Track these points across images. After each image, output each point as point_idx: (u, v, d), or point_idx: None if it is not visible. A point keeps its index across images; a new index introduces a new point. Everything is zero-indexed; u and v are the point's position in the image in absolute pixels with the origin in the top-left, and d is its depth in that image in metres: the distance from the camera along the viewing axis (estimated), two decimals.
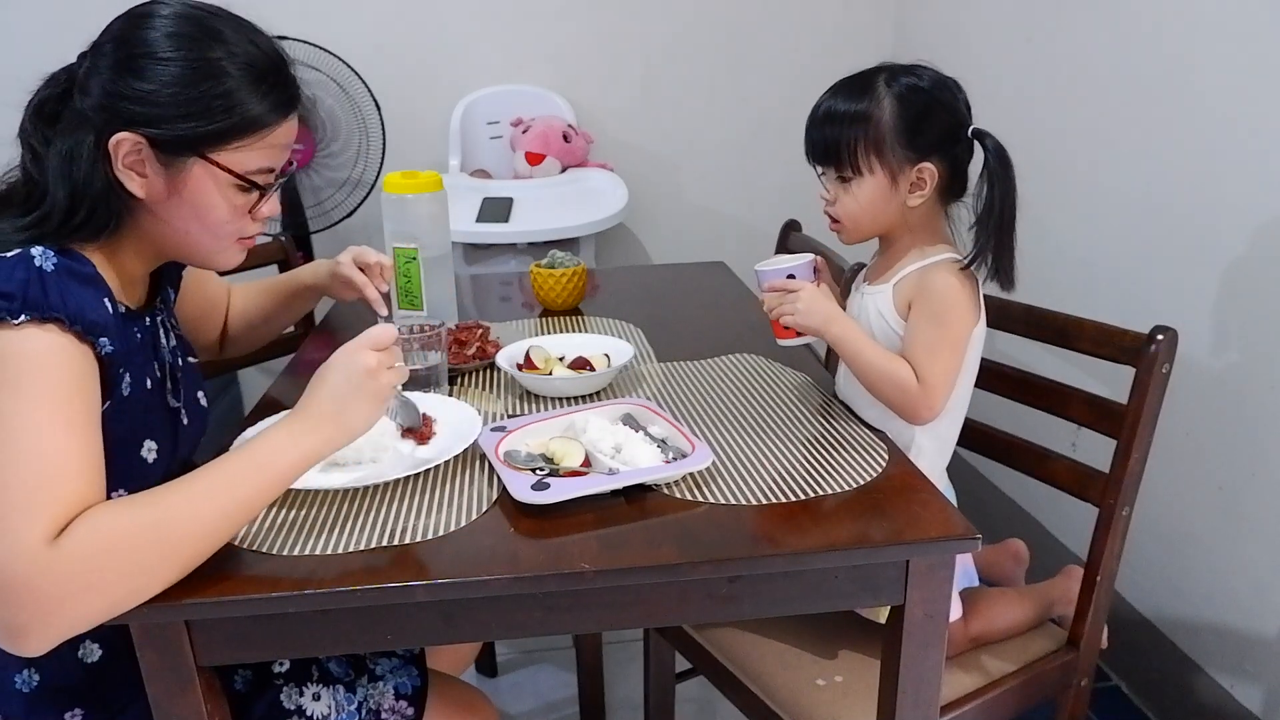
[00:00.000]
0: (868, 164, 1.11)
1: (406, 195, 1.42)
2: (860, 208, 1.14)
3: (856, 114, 1.11)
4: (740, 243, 2.76)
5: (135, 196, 0.92)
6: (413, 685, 1.11)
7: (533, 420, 1.11)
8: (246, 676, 1.05)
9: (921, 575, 0.91)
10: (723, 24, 2.69)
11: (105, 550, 0.77)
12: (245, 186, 0.95)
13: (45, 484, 0.78)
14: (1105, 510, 1.18)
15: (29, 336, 0.81)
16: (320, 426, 0.88)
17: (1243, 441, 1.55)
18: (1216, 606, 1.63)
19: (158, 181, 0.91)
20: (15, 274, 0.83)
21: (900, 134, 1.10)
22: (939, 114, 1.11)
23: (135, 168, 0.90)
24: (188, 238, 0.97)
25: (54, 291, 0.83)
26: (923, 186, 1.11)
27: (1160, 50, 1.68)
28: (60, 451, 0.80)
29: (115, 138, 0.88)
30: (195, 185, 0.92)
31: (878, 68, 1.14)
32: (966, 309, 1.11)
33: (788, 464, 1.04)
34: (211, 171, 0.92)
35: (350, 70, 2.37)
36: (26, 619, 0.75)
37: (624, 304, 1.67)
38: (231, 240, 0.99)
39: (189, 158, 0.91)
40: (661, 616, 1.04)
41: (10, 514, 0.76)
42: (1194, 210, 1.62)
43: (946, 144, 1.11)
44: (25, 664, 0.95)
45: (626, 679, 1.90)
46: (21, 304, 0.81)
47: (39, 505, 0.77)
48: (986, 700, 1.17)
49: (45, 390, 0.81)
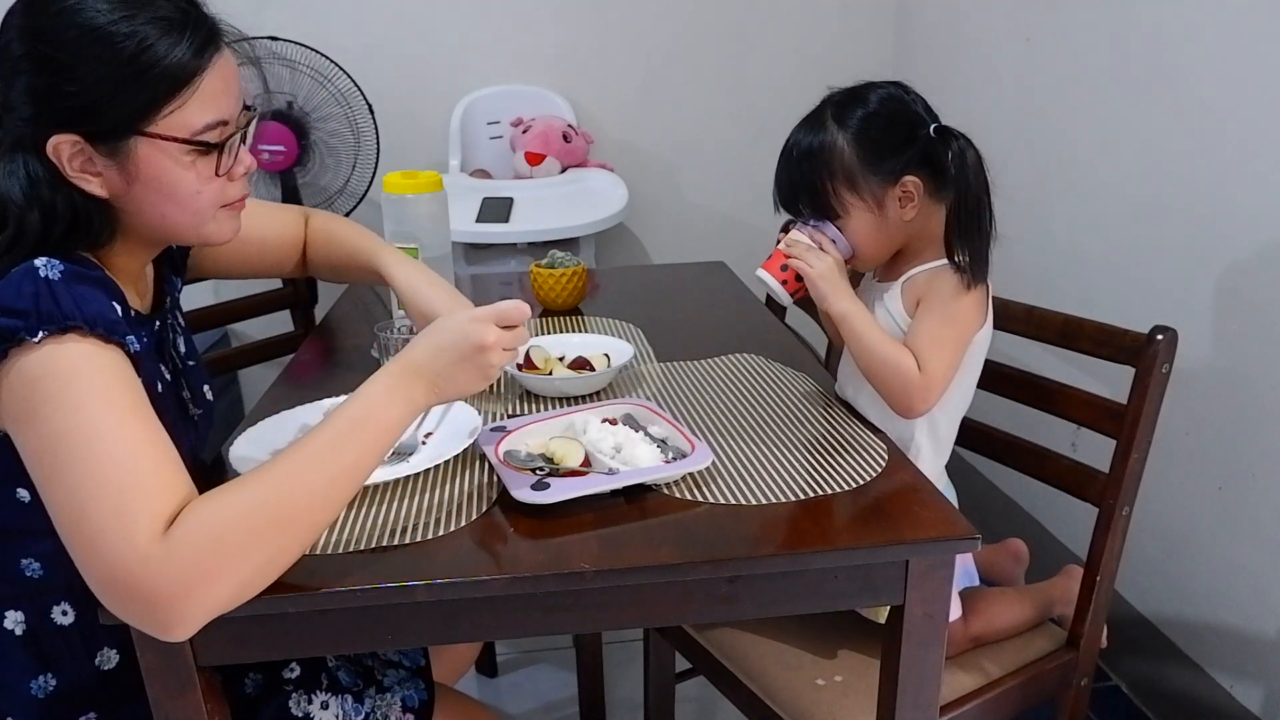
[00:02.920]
0: (849, 202, 1.12)
1: (406, 195, 1.43)
2: (862, 239, 1.14)
3: (816, 160, 1.12)
4: (740, 243, 2.75)
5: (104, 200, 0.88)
6: (420, 698, 1.11)
7: (533, 420, 1.11)
8: (257, 680, 1.05)
9: (921, 575, 0.91)
10: (723, 24, 2.68)
11: (218, 536, 0.76)
12: (200, 149, 0.88)
13: (133, 484, 0.76)
14: (1105, 510, 1.18)
15: (54, 352, 0.78)
16: (416, 384, 0.87)
17: (1243, 441, 1.55)
18: (1216, 606, 1.63)
19: (112, 175, 0.86)
20: (24, 289, 0.80)
21: (866, 164, 1.10)
22: (897, 131, 1.11)
23: (86, 168, 0.86)
24: (166, 221, 0.91)
25: (66, 300, 0.80)
26: (911, 199, 1.11)
27: (1160, 50, 1.68)
28: (135, 449, 0.78)
29: (51, 143, 0.83)
30: (148, 165, 0.86)
31: (824, 102, 1.15)
32: (974, 310, 1.11)
33: (788, 464, 1.04)
34: (157, 146, 0.86)
35: (344, 74, 2.37)
36: (163, 615, 0.75)
37: (624, 304, 1.67)
38: (213, 210, 0.93)
39: (128, 139, 0.85)
40: (661, 616, 1.04)
41: (111, 523, 0.75)
42: (1194, 210, 1.62)
43: (914, 154, 1.11)
44: (41, 670, 0.94)
45: (626, 679, 1.90)
46: (37, 320, 0.78)
47: (135, 507, 0.75)
48: (986, 700, 1.17)
49: (94, 395, 0.78)
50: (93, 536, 0.75)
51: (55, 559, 0.92)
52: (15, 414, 0.79)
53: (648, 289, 1.82)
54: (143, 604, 0.75)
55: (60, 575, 0.93)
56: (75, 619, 0.95)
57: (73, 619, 0.95)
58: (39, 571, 0.93)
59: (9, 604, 0.93)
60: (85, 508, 0.75)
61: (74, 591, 0.93)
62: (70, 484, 0.76)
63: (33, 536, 0.91)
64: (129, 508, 0.75)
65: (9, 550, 0.92)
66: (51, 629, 0.94)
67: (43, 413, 0.77)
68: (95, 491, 0.75)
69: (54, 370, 0.78)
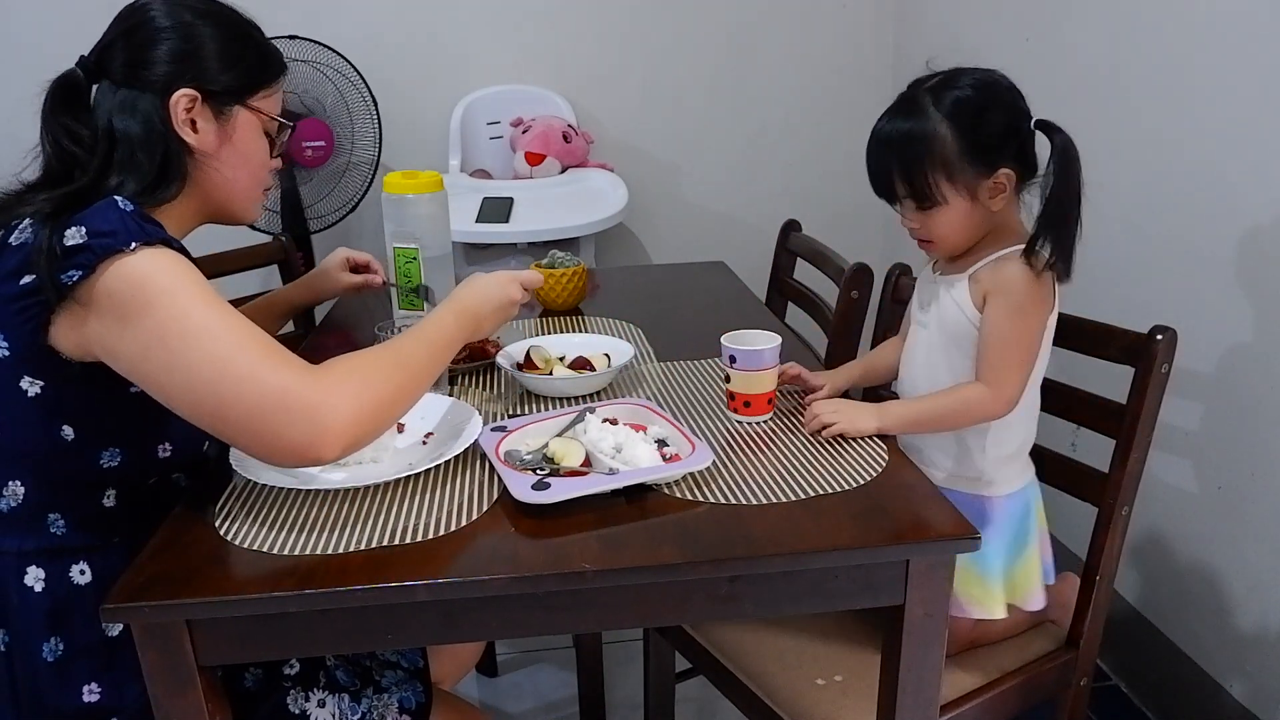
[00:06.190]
0: (945, 192, 1.10)
1: (407, 195, 1.42)
2: (951, 229, 1.13)
3: (916, 146, 1.09)
4: (740, 243, 2.76)
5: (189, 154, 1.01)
6: (417, 700, 1.12)
7: (533, 420, 1.11)
8: (257, 675, 1.06)
9: (921, 575, 0.91)
10: (723, 24, 2.69)
11: (359, 366, 0.93)
12: (275, 130, 1.08)
13: (264, 346, 0.88)
14: (1105, 510, 1.18)
15: (153, 255, 0.88)
16: (464, 315, 1.08)
17: (1243, 441, 1.55)
18: (1216, 606, 1.63)
19: (209, 132, 1.01)
20: (109, 214, 0.88)
21: (966, 154, 1.08)
22: (996, 120, 1.09)
23: (189, 124, 0.99)
24: (233, 186, 1.05)
25: (147, 225, 0.90)
26: (1003, 190, 1.11)
27: (1160, 50, 1.68)
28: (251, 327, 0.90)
29: (175, 94, 0.97)
30: (242, 131, 1.03)
31: (917, 87, 1.12)
32: (1042, 298, 1.11)
33: (788, 464, 1.04)
34: (255, 117, 1.04)
35: (351, 67, 2.37)
36: (316, 428, 0.87)
37: (624, 304, 1.67)
38: (261, 189, 1.10)
39: (234, 106, 1.02)
40: (661, 616, 1.04)
41: (258, 366, 0.87)
42: (1194, 210, 1.62)
43: (1012, 145, 1.10)
44: (53, 632, 0.96)
45: (626, 679, 1.90)
46: (126, 235, 0.87)
47: (277, 356, 0.88)
48: (986, 700, 1.17)
49: (200, 289, 0.89)
50: (241, 380, 0.86)
51: (79, 516, 0.98)
52: (121, 314, 0.86)
53: (648, 289, 1.82)
54: (304, 416, 0.86)
55: (82, 535, 0.98)
56: (92, 579, 0.97)
57: (89, 579, 0.97)
58: (62, 529, 0.97)
59: (32, 559, 0.96)
60: (228, 363, 0.86)
61: (92, 553, 0.98)
62: (206, 350, 0.86)
63: (64, 488, 0.97)
64: (272, 355, 0.88)
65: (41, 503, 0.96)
66: (69, 588, 0.97)
67: (159, 301, 0.86)
68: (233, 351, 0.86)
69: (159, 266, 0.88)
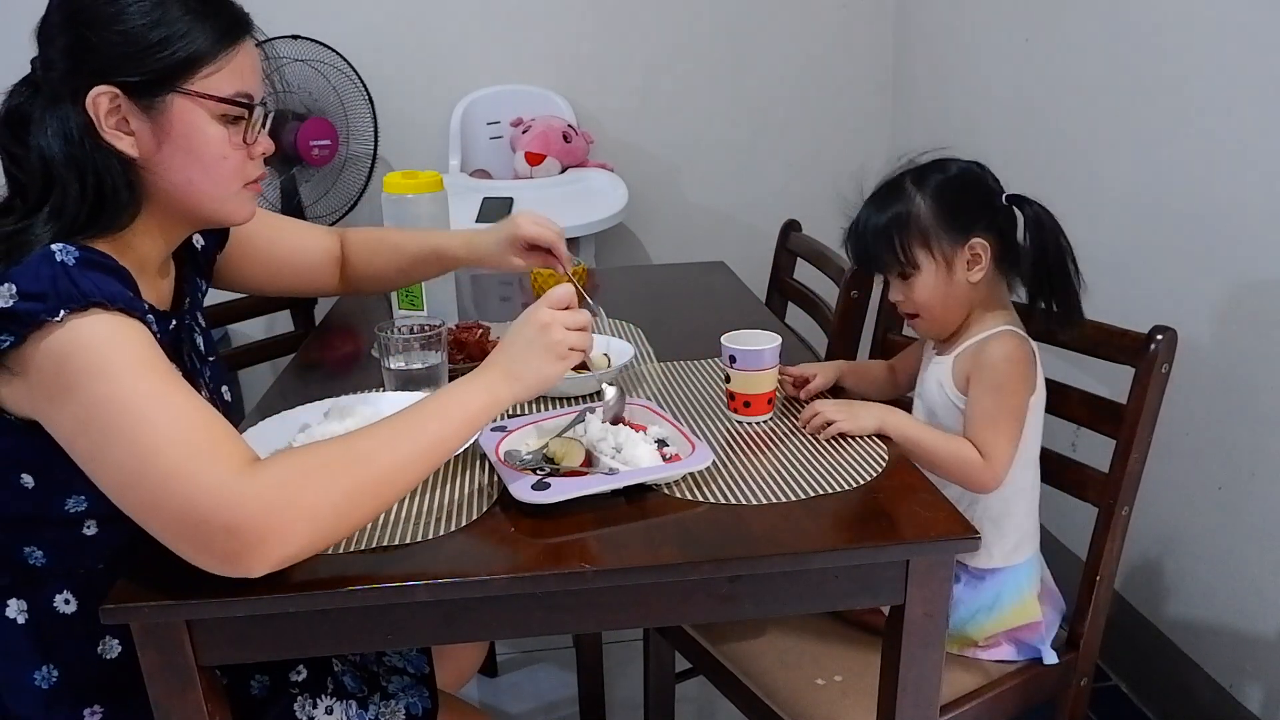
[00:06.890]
0: (920, 257, 1.15)
1: (406, 195, 1.43)
2: (929, 297, 1.17)
3: (894, 217, 1.15)
4: (740, 243, 2.75)
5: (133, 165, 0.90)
6: (423, 706, 1.11)
7: (533, 420, 1.11)
8: (264, 682, 1.05)
9: (921, 575, 0.91)
10: (723, 24, 2.68)
11: (300, 475, 0.80)
12: (231, 113, 0.92)
13: (199, 433, 0.79)
14: (1105, 510, 1.18)
15: (79, 327, 0.79)
16: (492, 373, 0.94)
17: (1243, 441, 1.55)
18: (1216, 606, 1.63)
19: (145, 132, 0.89)
20: (41, 272, 0.80)
21: (940, 220, 1.14)
22: (971, 193, 1.17)
23: (120, 126, 0.88)
24: (192, 188, 0.93)
25: (83, 281, 0.81)
26: (979, 261, 1.15)
27: (1159, 50, 1.68)
28: (186, 407, 0.80)
29: (91, 94, 0.85)
30: (181, 122, 0.89)
31: (901, 173, 1.19)
32: (1024, 377, 1.14)
33: (788, 464, 1.04)
34: (194, 102, 0.89)
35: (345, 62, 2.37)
36: (238, 545, 0.77)
37: (624, 304, 1.67)
38: (237, 184, 0.96)
39: (166, 95, 0.88)
40: (661, 616, 1.04)
41: (185, 464, 0.77)
42: (1194, 210, 1.62)
43: (986, 215, 1.15)
44: (44, 660, 0.94)
45: (626, 679, 1.90)
46: (56, 300, 0.79)
47: (209, 448, 0.78)
48: (986, 700, 1.17)
49: (132, 361, 0.80)
50: (165, 480, 0.77)
51: (58, 547, 0.93)
52: (48, 392, 0.80)
53: (648, 289, 1.82)
54: (224, 532, 0.77)
55: (63, 563, 0.94)
56: (78, 608, 0.95)
57: (75, 608, 0.95)
58: (41, 559, 0.93)
59: (11, 593, 0.94)
60: (152, 459, 0.77)
61: (76, 580, 0.95)
62: (129, 442, 0.77)
63: (36, 524, 0.92)
64: (203, 449, 0.78)
65: (12, 538, 0.93)
66: (54, 617, 0.94)
67: (81, 383, 0.78)
68: (159, 443, 0.77)
69: (85, 343, 0.79)
